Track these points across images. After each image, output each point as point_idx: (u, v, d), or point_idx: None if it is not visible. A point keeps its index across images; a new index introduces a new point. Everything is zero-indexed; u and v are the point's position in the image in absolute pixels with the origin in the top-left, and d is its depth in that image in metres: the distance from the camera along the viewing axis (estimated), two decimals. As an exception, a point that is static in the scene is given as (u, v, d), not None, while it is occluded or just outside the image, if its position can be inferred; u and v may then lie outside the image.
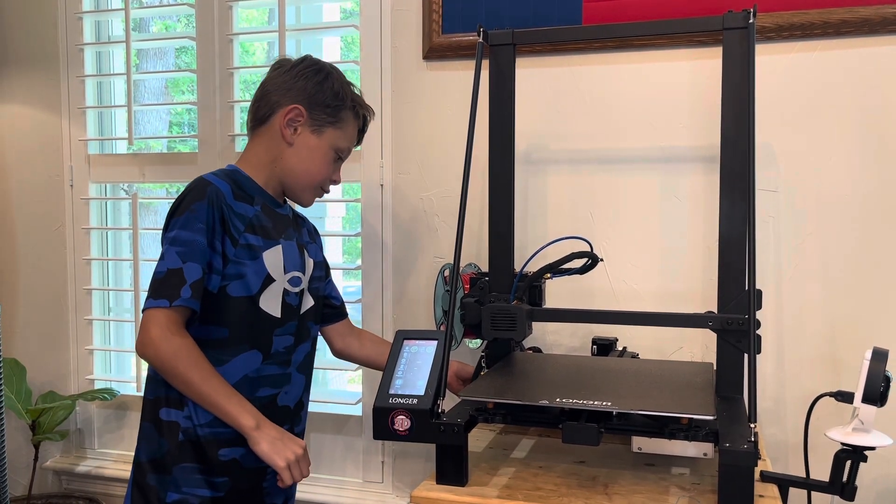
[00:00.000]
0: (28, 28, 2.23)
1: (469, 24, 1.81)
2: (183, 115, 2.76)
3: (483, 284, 1.59)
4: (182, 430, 1.31)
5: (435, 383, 1.25)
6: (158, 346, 1.24)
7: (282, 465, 1.24)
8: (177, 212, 1.31)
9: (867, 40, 1.58)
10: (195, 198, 1.30)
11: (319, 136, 1.41)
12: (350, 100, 1.44)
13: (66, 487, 2.26)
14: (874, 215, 1.60)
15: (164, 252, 1.29)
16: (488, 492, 1.21)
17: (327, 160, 1.44)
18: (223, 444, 1.32)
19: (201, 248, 1.28)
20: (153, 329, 1.24)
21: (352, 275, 2.25)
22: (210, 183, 1.33)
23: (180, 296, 1.25)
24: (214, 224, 1.30)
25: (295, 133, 1.40)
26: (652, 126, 1.72)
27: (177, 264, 1.26)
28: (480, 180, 1.77)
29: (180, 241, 1.28)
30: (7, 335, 2.30)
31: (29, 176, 2.26)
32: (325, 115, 1.41)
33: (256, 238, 1.36)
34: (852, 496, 1.20)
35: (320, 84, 1.40)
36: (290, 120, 1.39)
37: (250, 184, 1.40)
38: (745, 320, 1.34)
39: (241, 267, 1.33)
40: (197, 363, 1.26)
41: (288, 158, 1.41)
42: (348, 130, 1.45)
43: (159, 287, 1.26)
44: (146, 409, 1.36)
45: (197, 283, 1.27)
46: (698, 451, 1.22)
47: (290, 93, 1.40)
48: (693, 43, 1.67)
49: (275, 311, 1.38)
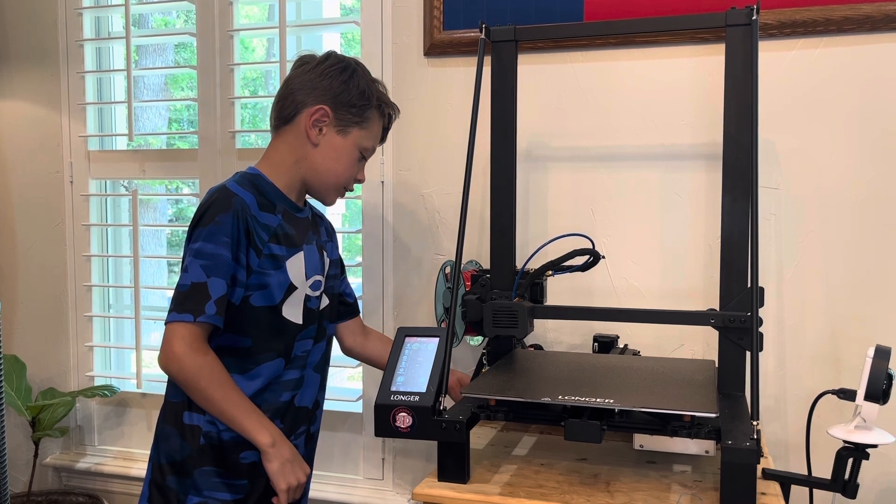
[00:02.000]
0: (28, 24, 2.22)
1: (470, 21, 1.81)
2: (182, 112, 2.75)
3: (484, 282, 1.59)
4: (204, 434, 1.30)
5: (437, 380, 1.24)
6: (182, 362, 1.23)
7: (283, 487, 1.27)
8: (200, 222, 1.29)
9: (869, 37, 1.57)
10: (220, 209, 1.28)
11: (345, 136, 1.39)
12: (376, 98, 1.41)
13: (66, 484, 2.26)
14: (876, 212, 1.59)
15: (188, 264, 1.27)
16: (490, 489, 1.21)
17: (352, 160, 1.41)
18: (245, 446, 1.31)
19: (226, 262, 1.26)
20: (177, 344, 1.23)
21: (353, 272, 2.25)
22: (235, 194, 1.30)
23: (205, 312, 1.24)
24: (240, 236, 1.28)
25: (320, 133, 1.37)
26: (654, 123, 1.71)
27: (201, 278, 1.25)
28: (482, 177, 1.77)
29: (205, 253, 1.26)
30: (7, 332, 2.29)
31: (29, 172, 2.26)
32: (351, 115, 1.38)
33: (280, 248, 1.34)
34: (854, 494, 1.20)
35: (346, 83, 1.37)
36: (316, 121, 1.36)
37: (272, 190, 1.37)
38: (748, 318, 1.34)
39: (265, 277, 1.31)
40: (219, 380, 1.25)
41: (313, 159, 1.38)
42: (374, 129, 1.43)
43: (184, 301, 1.24)
44: (167, 412, 1.35)
45: (221, 298, 1.26)
46: (700, 449, 1.22)
47: (314, 92, 1.36)
48: (695, 40, 1.66)
49: (297, 317, 1.37)
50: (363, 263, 1.95)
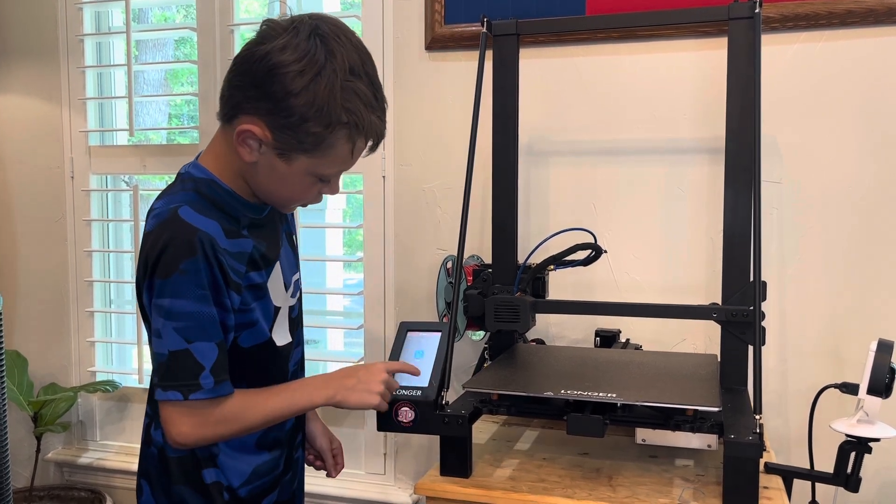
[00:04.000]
0: (28, 19, 2.21)
1: (471, 15, 1.80)
2: (182, 107, 2.75)
3: (486, 276, 1.58)
4: (226, 489, 1.14)
5: (438, 375, 1.24)
6: (196, 441, 1.06)
7: (376, 402, 1.14)
8: (158, 272, 1.00)
9: (873, 31, 1.57)
10: (182, 254, 0.99)
11: (289, 162, 1.03)
12: (342, 120, 1.00)
13: (69, 479, 2.26)
14: (878, 206, 1.59)
15: (160, 328, 1.01)
16: (492, 483, 1.21)
17: (302, 186, 1.08)
18: (263, 494, 1.19)
19: (209, 321, 1.02)
20: (175, 433, 1.03)
21: (353, 267, 2.25)
22: (195, 229, 1.00)
23: (200, 386, 1.01)
24: (215, 281, 1.02)
25: (258, 151, 1.03)
26: (656, 117, 1.71)
27: (180, 345, 1.01)
28: (483, 172, 1.77)
29: (177, 313, 1.00)
30: (8, 327, 2.29)
31: (29, 167, 2.25)
32: (297, 141, 1.01)
33: (259, 274, 1.10)
34: (857, 488, 1.20)
35: (296, 96, 0.97)
36: (244, 140, 1.02)
37: (231, 199, 1.08)
38: (750, 312, 1.34)
39: (250, 314, 1.09)
40: (243, 416, 1.06)
41: (252, 174, 1.07)
42: (335, 156, 1.04)
43: (166, 374, 1.02)
44: (175, 473, 1.13)
45: (218, 362, 1.02)
46: (702, 443, 1.22)
47: (254, 99, 1.00)
48: (698, 33, 1.66)
49: (285, 337, 1.17)
50: (364, 258, 1.95)
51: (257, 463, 1.17)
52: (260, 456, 1.17)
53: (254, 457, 1.17)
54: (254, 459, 1.17)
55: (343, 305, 2.23)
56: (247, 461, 1.16)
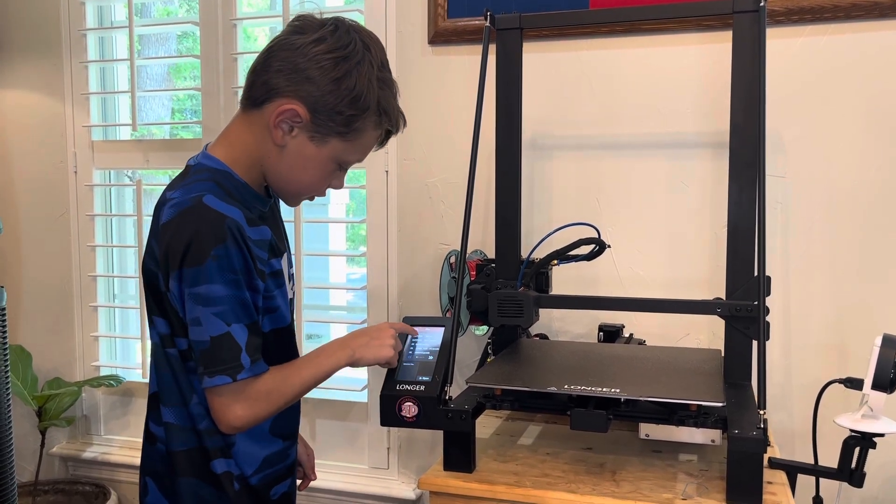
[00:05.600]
0: (31, 14, 2.21)
1: (474, 9, 1.79)
2: (185, 102, 2.75)
3: (489, 271, 1.58)
4: (236, 479, 1.14)
5: (442, 370, 1.24)
6: (251, 422, 1.08)
7: (391, 354, 1.20)
8: (188, 260, 1.02)
9: (878, 24, 1.56)
10: (213, 241, 1.02)
11: (320, 146, 1.10)
12: (375, 108, 1.10)
13: (73, 473, 2.27)
14: (884, 200, 1.58)
15: (198, 315, 1.03)
16: (496, 478, 1.21)
17: (324, 173, 1.14)
18: (273, 483, 1.20)
19: (243, 303, 1.05)
20: (231, 416, 1.06)
21: (356, 262, 2.25)
22: (224, 216, 1.03)
23: (243, 366, 1.04)
24: (247, 265, 1.06)
25: (289, 134, 1.09)
26: (659, 112, 1.70)
27: (221, 329, 1.03)
28: (486, 166, 1.76)
29: (214, 299, 1.03)
30: (12, 322, 2.30)
31: (33, 163, 2.25)
32: (334, 123, 1.08)
33: (278, 260, 1.15)
34: (861, 482, 1.20)
35: (337, 82, 1.06)
36: (284, 120, 1.08)
37: (245, 191, 1.12)
38: (755, 307, 1.34)
39: (273, 300, 1.14)
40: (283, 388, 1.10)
41: (276, 161, 1.11)
42: (362, 142, 1.13)
43: (211, 360, 1.04)
44: (182, 466, 1.13)
45: (249, 342, 1.05)
46: (706, 438, 1.22)
47: (295, 81, 1.06)
48: (702, 27, 1.65)
49: (288, 319, 1.21)
50: (368, 253, 1.95)
51: (270, 451, 1.19)
52: (273, 444, 1.19)
53: (266, 444, 1.18)
54: (266, 447, 1.18)
55: (346, 300, 2.23)
56: (259, 448, 1.17)
